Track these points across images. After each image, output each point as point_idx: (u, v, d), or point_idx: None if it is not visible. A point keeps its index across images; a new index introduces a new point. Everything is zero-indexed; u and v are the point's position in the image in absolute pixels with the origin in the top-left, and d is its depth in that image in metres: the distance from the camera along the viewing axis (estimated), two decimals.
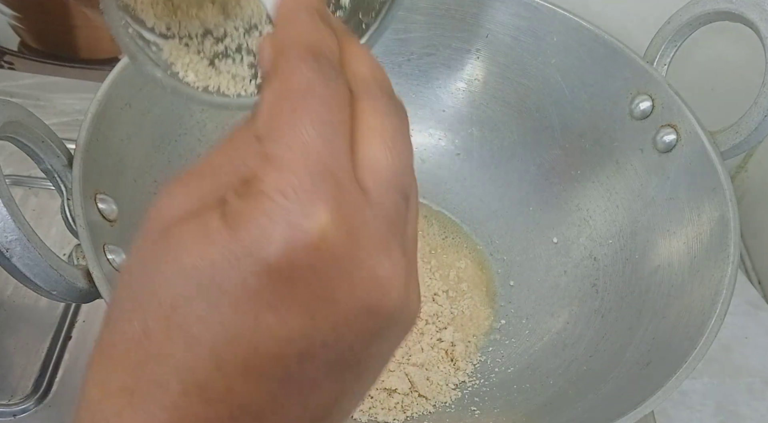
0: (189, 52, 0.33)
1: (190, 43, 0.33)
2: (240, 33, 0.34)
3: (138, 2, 0.32)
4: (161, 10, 0.33)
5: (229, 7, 0.34)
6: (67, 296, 0.35)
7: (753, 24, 0.46)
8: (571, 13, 0.53)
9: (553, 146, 0.55)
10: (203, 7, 0.34)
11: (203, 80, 0.32)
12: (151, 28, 0.32)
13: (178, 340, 0.19)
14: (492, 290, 0.53)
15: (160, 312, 0.19)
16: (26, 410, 0.44)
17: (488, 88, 0.57)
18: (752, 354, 0.57)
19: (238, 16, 0.34)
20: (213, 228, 0.19)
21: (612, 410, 0.37)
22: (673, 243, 0.47)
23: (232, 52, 0.33)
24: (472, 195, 0.57)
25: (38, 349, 0.47)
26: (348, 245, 0.19)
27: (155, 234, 0.20)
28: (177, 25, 0.33)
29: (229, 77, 0.32)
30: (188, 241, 0.19)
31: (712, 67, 0.63)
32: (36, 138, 0.38)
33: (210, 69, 0.32)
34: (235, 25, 0.34)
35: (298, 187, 0.19)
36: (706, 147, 0.46)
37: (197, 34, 0.33)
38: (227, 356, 0.19)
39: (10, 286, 0.49)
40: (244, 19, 0.35)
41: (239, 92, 0.32)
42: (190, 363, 0.19)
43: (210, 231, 0.19)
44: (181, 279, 0.19)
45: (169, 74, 0.31)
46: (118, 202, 0.41)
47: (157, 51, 0.31)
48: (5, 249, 0.32)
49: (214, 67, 0.32)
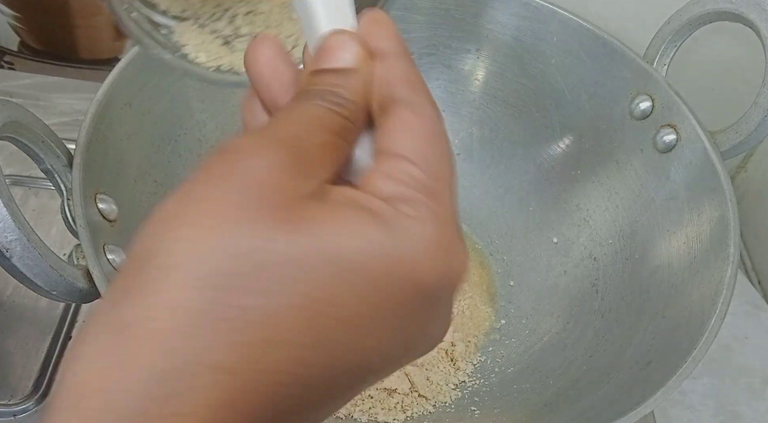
0: (202, 33, 0.32)
1: (206, 23, 0.32)
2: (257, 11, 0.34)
3: None
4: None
5: None
6: (67, 296, 0.35)
7: (753, 24, 0.46)
8: (571, 13, 0.53)
9: (553, 146, 0.55)
10: None
11: (216, 60, 0.32)
12: (164, 11, 0.32)
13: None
14: (492, 290, 0.53)
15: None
16: (26, 410, 0.44)
17: (488, 88, 0.57)
18: (752, 354, 0.57)
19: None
20: (276, 226, 0.18)
21: (612, 410, 0.37)
22: (673, 243, 0.47)
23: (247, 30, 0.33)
24: (472, 195, 0.57)
25: (38, 349, 0.47)
26: (457, 287, 0.21)
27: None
28: (193, 6, 0.33)
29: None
30: (351, 248, 0.18)
31: (712, 67, 0.63)
32: (36, 138, 0.38)
33: (223, 48, 0.32)
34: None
35: (453, 232, 0.20)
36: (706, 147, 0.46)
37: (213, 14, 0.33)
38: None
39: (10, 286, 0.49)
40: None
41: None
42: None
43: (274, 231, 0.18)
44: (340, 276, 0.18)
45: (178, 56, 0.31)
46: (118, 202, 0.41)
47: (167, 34, 0.31)
48: (5, 249, 0.32)
49: (228, 45, 0.32)
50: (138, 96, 0.44)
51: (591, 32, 0.52)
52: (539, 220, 0.55)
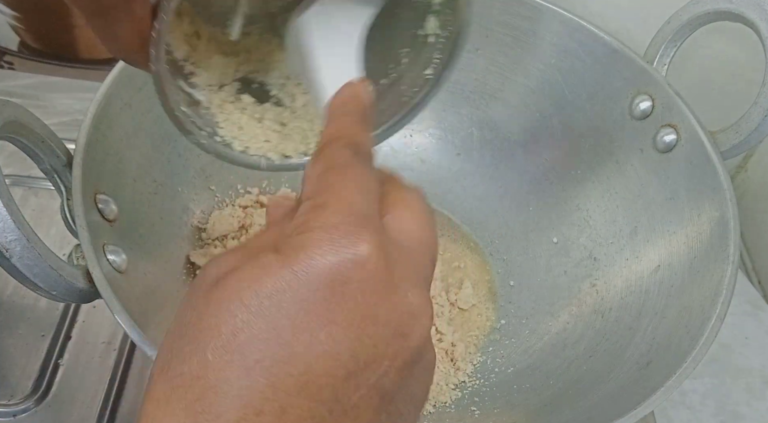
0: (237, 110, 0.34)
1: (242, 101, 0.34)
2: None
3: (197, 53, 0.33)
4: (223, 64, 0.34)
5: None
6: (67, 296, 0.35)
7: (753, 24, 0.46)
8: (571, 13, 0.53)
9: (553, 146, 0.55)
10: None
11: (251, 143, 0.34)
12: (203, 86, 0.33)
13: (236, 364, 0.20)
14: (492, 290, 0.53)
15: (219, 341, 0.21)
16: (26, 410, 0.44)
17: (488, 88, 0.57)
18: (752, 354, 0.57)
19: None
20: (269, 261, 0.22)
21: (612, 410, 0.37)
22: (673, 243, 0.47)
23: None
24: (472, 195, 0.57)
25: (38, 349, 0.47)
26: (387, 271, 0.22)
27: (206, 286, 0.22)
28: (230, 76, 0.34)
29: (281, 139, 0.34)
30: (245, 278, 0.22)
31: (712, 67, 0.63)
32: (36, 138, 0.38)
33: (258, 130, 0.34)
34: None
35: (344, 223, 0.22)
36: (706, 147, 0.46)
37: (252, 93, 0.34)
38: (283, 376, 0.20)
39: (10, 286, 0.49)
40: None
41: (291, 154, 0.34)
42: (248, 386, 0.20)
43: (266, 264, 0.22)
44: (241, 308, 0.21)
45: (214, 139, 0.32)
46: (118, 202, 0.41)
47: (205, 113, 0.33)
48: (5, 249, 0.32)
49: (260, 124, 0.34)
50: (138, 96, 0.44)
51: (591, 32, 0.52)
52: (539, 220, 0.55)
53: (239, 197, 0.53)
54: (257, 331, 0.21)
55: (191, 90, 0.32)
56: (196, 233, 0.51)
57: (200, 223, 0.51)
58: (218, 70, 0.34)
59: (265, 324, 0.21)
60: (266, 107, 0.35)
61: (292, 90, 0.35)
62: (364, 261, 0.22)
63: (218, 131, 0.33)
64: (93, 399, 0.45)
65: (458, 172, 0.58)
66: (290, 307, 0.21)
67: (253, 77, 0.35)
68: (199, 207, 0.51)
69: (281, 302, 0.21)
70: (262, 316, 0.21)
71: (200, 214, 0.51)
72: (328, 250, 0.21)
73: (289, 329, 0.21)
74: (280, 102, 0.35)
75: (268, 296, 0.21)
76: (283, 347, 0.21)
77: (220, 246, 0.50)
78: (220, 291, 0.22)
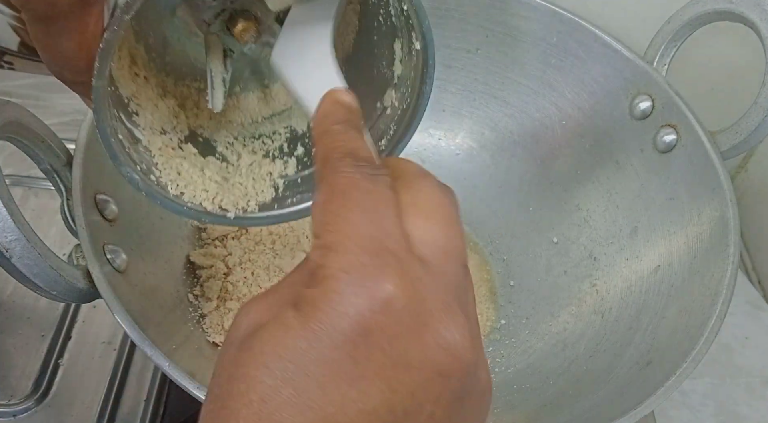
0: (178, 156, 0.32)
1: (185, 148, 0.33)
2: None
3: (143, 96, 0.31)
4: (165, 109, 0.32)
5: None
6: (67, 296, 0.35)
7: (753, 24, 0.46)
8: (571, 13, 0.53)
9: (553, 146, 0.55)
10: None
11: (186, 187, 0.32)
12: (143, 126, 0.31)
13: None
14: (492, 290, 0.53)
15: (251, 409, 0.20)
16: (26, 410, 0.44)
17: (488, 88, 0.57)
18: (752, 354, 0.57)
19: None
20: (289, 320, 0.21)
21: (612, 410, 0.37)
22: (673, 243, 0.47)
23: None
24: (472, 195, 0.57)
25: (38, 349, 0.47)
26: (414, 310, 0.21)
27: (236, 345, 0.22)
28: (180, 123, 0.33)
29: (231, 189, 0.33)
30: (268, 340, 0.21)
31: (712, 67, 0.63)
32: (36, 138, 0.38)
33: (201, 176, 0.32)
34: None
35: (358, 264, 0.21)
36: (706, 147, 0.46)
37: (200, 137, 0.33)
38: None
39: (10, 286, 0.49)
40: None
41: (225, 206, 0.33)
42: None
43: (287, 324, 0.21)
44: (267, 373, 0.20)
45: (149, 178, 0.31)
46: (118, 202, 0.41)
47: (143, 151, 0.31)
48: (5, 249, 0.32)
49: (212, 179, 0.33)
50: None
51: (591, 32, 0.52)
52: (539, 220, 0.55)
53: None
54: (286, 396, 0.20)
55: (131, 127, 0.30)
56: (196, 233, 0.51)
57: (200, 223, 0.51)
58: (164, 117, 0.32)
59: (292, 389, 0.20)
60: (210, 160, 0.33)
61: (238, 149, 0.34)
62: (387, 304, 0.20)
63: (154, 171, 0.31)
64: (93, 399, 0.45)
65: (458, 172, 0.58)
66: (315, 368, 0.20)
67: (200, 132, 0.34)
68: None
69: (306, 365, 0.20)
70: (288, 380, 0.20)
71: None
72: (345, 302, 0.20)
73: (318, 391, 0.20)
74: (225, 158, 0.34)
75: (292, 360, 0.20)
76: (314, 411, 0.20)
77: (220, 246, 0.50)
78: (247, 354, 0.21)
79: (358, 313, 0.20)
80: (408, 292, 0.21)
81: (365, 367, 0.20)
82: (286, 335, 0.20)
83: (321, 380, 0.20)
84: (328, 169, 0.23)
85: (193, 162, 0.32)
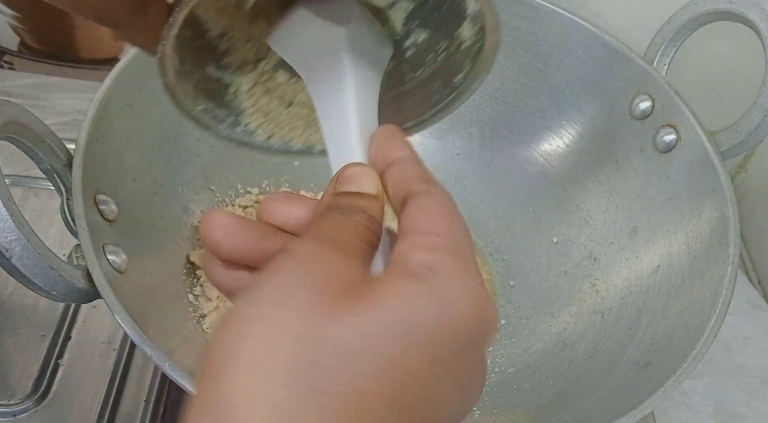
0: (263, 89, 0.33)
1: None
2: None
3: (236, 26, 0.31)
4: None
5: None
6: (67, 296, 0.35)
7: (753, 24, 0.46)
8: (571, 13, 0.52)
9: (553, 146, 0.55)
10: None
11: (275, 130, 0.33)
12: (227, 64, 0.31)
13: None
14: (492, 290, 0.53)
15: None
16: (26, 410, 0.44)
17: (488, 88, 0.57)
18: (752, 354, 0.57)
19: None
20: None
21: (612, 410, 0.37)
22: (673, 243, 0.47)
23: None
24: (472, 195, 0.57)
25: (38, 349, 0.47)
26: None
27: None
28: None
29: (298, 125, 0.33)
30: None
31: (712, 67, 0.63)
32: (36, 138, 0.37)
33: (284, 113, 0.33)
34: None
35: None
36: (706, 147, 0.46)
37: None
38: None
39: (10, 286, 0.49)
40: None
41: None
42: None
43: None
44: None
45: (235, 130, 0.32)
46: (118, 202, 0.41)
47: (232, 99, 0.32)
48: (5, 249, 0.32)
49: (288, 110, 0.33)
50: (138, 96, 0.44)
51: (591, 32, 0.52)
52: (539, 220, 0.55)
53: (239, 197, 0.53)
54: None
55: (220, 74, 0.31)
56: (196, 233, 0.51)
57: (200, 223, 0.51)
58: (257, 43, 0.32)
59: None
60: (301, 86, 0.33)
61: None
62: (492, 326, 0.23)
63: (241, 120, 0.32)
64: (93, 399, 0.45)
65: (458, 172, 0.58)
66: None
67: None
68: (199, 207, 0.51)
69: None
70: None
71: (200, 214, 0.51)
72: (480, 304, 0.23)
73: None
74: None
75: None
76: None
77: None
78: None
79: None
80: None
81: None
82: (348, 324, 0.21)
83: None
84: (421, 189, 0.26)
85: (281, 95, 0.33)
